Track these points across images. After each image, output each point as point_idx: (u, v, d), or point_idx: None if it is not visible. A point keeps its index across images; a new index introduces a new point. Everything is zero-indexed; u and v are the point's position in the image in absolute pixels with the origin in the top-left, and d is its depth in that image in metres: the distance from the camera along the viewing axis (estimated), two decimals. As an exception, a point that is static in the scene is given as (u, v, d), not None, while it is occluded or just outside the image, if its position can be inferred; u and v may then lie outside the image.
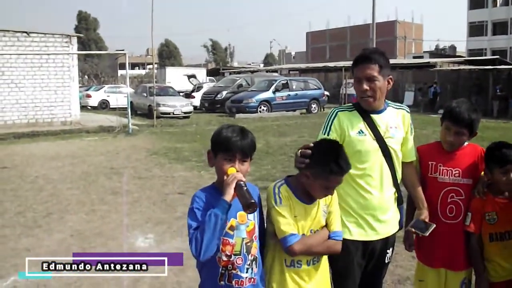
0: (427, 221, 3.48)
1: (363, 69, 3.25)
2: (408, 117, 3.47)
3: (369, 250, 3.37)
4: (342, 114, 3.36)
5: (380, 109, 3.36)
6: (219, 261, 2.74)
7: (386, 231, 3.39)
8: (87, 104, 35.56)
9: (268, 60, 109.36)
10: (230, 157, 2.72)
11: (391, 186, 3.38)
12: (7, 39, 22.54)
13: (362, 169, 3.27)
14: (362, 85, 3.24)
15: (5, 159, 14.38)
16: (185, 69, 54.98)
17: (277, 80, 32.60)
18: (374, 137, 3.29)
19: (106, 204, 9.08)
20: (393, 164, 3.36)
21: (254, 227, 2.83)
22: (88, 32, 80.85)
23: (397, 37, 75.52)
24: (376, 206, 3.31)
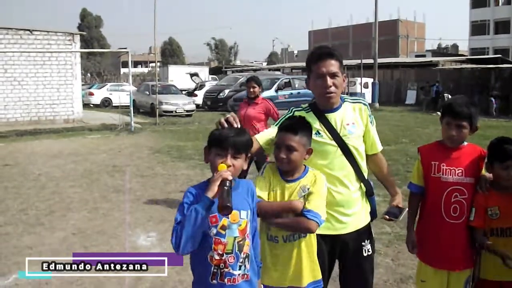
0: (400, 206, 3.51)
1: (327, 65, 3.21)
2: (365, 109, 3.43)
3: (341, 245, 3.37)
4: (298, 114, 3.36)
5: (335, 107, 3.34)
6: (211, 260, 2.74)
7: (355, 224, 3.39)
8: (89, 102, 35.58)
9: (270, 59, 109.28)
10: (222, 151, 2.71)
11: (355, 181, 3.38)
12: (10, 36, 22.56)
13: (322, 168, 3.26)
14: (326, 81, 3.20)
15: (8, 157, 14.40)
16: (187, 67, 54.94)
17: (279, 78, 32.62)
18: (331, 137, 3.28)
19: (109, 202, 9.09)
20: (355, 159, 3.35)
21: (247, 225, 2.82)
22: (90, 30, 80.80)
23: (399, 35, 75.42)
24: (341, 202, 3.31)
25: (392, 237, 6.69)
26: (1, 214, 8.38)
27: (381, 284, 5.33)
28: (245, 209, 2.81)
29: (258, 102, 8.29)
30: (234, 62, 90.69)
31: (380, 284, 5.33)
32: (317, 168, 3.22)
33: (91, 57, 65.01)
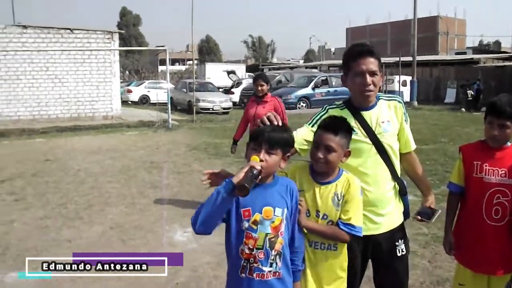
0: (432, 207, 3.45)
1: (366, 62, 3.14)
2: (400, 107, 3.37)
3: (374, 245, 3.32)
4: (333, 111, 3.31)
5: (371, 105, 3.29)
6: (242, 254, 2.73)
7: (389, 224, 3.33)
8: (128, 99, 36.00)
9: (307, 56, 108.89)
10: (256, 146, 2.70)
11: (389, 180, 3.32)
12: (51, 35, 23.00)
13: (356, 166, 3.21)
14: (366, 79, 3.14)
15: (48, 152, 14.68)
16: (224, 65, 55.19)
17: (316, 76, 32.49)
18: (365, 135, 3.23)
19: (146, 197, 9.19)
20: (390, 158, 3.29)
21: (281, 223, 2.76)
22: (129, 28, 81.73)
23: (439, 32, 74.23)
24: (374, 201, 3.25)
25: (429, 238, 6.57)
26: (42, 207, 8.55)
27: (417, 286, 5.24)
28: (280, 207, 2.76)
29: (268, 100, 8.09)
30: (271, 59, 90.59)
31: (416, 285, 5.24)
32: (351, 168, 3.16)
33: (130, 55, 65.76)
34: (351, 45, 3.40)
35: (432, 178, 9.85)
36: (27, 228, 7.44)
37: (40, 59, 22.76)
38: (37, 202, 8.93)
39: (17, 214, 8.17)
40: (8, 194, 9.43)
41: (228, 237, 2.76)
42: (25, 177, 11.07)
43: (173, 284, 5.39)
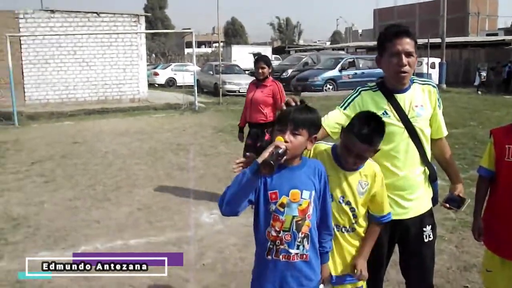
0: (461, 195, 3.39)
1: (402, 43, 3.09)
2: (434, 92, 3.31)
3: (401, 230, 3.30)
4: (366, 94, 3.26)
5: (405, 88, 3.23)
6: (268, 236, 2.73)
7: (417, 209, 3.30)
8: (154, 82, 36.07)
9: (334, 38, 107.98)
10: (281, 127, 2.66)
11: (419, 165, 3.28)
12: (78, 19, 23.15)
13: (387, 150, 3.17)
14: (402, 60, 3.08)
15: (77, 135, 14.87)
16: (250, 47, 54.99)
17: (343, 58, 32.17)
18: (398, 118, 3.18)
19: (173, 179, 9.26)
20: (421, 142, 3.24)
21: (308, 206, 2.73)
22: (155, 11, 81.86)
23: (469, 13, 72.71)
24: (404, 185, 3.23)
25: (456, 223, 6.51)
26: (71, 189, 8.69)
27: (443, 271, 5.19)
28: (308, 189, 2.73)
29: (267, 85, 7.60)
30: (298, 41, 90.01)
31: (443, 270, 5.19)
32: (382, 152, 3.11)
33: (156, 38, 65.91)
34: (387, 26, 3.34)
35: (461, 162, 9.74)
36: (57, 209, 7.58)
37: (67, 43, 22.95)
38: (66, 183, 9.08)
39: (47, 195, 8.32)
40: (39, 176, 9.59)
41: (256, 219, 2.76)
42: (55, 159, 11.24)
43: (200, 265, 5.45)
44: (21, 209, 7.55)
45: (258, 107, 7.56)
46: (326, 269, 2.97)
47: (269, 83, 7.63)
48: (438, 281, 4.84)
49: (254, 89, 7.71)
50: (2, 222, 6.95)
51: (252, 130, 7.72)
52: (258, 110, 7.56)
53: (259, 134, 7.52)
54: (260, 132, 7.53)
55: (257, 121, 7.58)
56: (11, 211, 7.49)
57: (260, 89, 7.62)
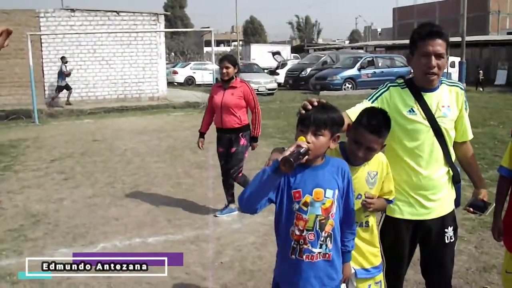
0: (485, 200, 3.35)
1: (434, 44, 3.05)
2: (462, 94, 3.30)
3: (423, 230, 3.28)
4: (394, 89, 3.25)
5: (433, 87, 3.21)
6: (292, 235, 2.71)
7: (440, 210, 3.27)
8: (173, 80, 36.29)
9: (353, 37, 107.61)
10: (303, 128, 2.65)
11: (443, 165, 3.25)
12: (98, 18, 23.36)
13: (412, 148, 3.17)
14: (431, 61, 3.05)
15: (96, 133, 15.00)
16: (269, 46, 55.04)
17: (362, 57, 32.03)
18: (425, 117, 3.15)
19: (191, 177, 9.29)
20: (446, 143, 3.22)
21: (332, 205, 2.72)
22: (174, 10, 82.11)
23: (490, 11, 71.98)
24: (427, 185, 3.20)
25: (476, 223, 6.41)
26: (90, 186, 8.75)
27: (463, 272, 5.13)
28: (331, 188, 2.72)
29: (237, 86, 6.99)
30: (316, 40, 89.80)
31: (462, 271, 5.13)
32: (407, 150, 3.16)
33: (175, 37, 66.17)
34: (420, 24, 3.30)
35: (481, 162, 9.61)
36: (76, 206, 7.64)
37: (87, 41, 23.16)
38: (85, 181, 9.15)
39: (67, 192, 8.40)
40: (58, 173, 9.68)
41: (279, 218, 2.75)
42: (74, 157, 11.34)
43: (218, 263, 5.46)
44: (41, 206, 7.62)
45: (231, 111, 6.93)
46: (348, 268, 2.95)
47: (238, 84, 7.04)
48: (457, 282, 4.80)
49: (222, 92, 7.01)
50: (22, 219, 7.02)
51: (224, 136, 7.09)
52: (231, 114, 6.94)
53: (233, 140, 6.99)
54: (235, 138, 7.00)
55: (232, 126, 6.95)
56: (30, 208, 7.55)
57: (229, 91, 6.96)
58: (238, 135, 6.98)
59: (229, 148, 7.03)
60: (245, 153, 7.13)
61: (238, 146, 6.98)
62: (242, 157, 7.05)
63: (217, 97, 7.03)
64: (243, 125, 7.03)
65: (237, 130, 6.98)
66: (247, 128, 7.10)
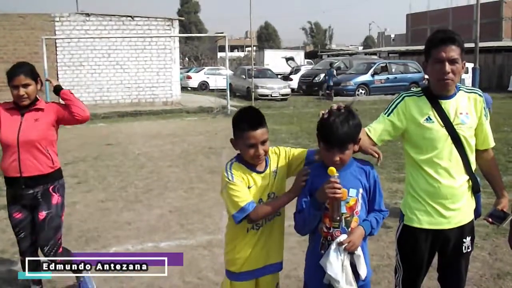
0: (505, 210, 3.28)
1: (447, 50, 3.04)
2: (481, 101, 3.24)
3: (442, 239, 3.24)
4: (409, 99, 3.23)
5: (450, 94, 3.18)
6: (321, 231, 2.91)
7: (459, 219, 3.23)
8: (187, 85, 36.41)
9: (367, 43, 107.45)
10: (329, 147, 2.80)
11: (463, 174, 3.20)
12: (113, 23, 23.53)
13: (430, 156, 3.14)
14: (445, 67, 3.03)
15: (110, 137, 15.03)
16: (283, 51, 55.03)
17: (376, 63, 32.01)
18: (442, 124, 3.12)
19: (204, 182, 9.26)
20: (465, 151, 3.17)
21: (356, 203, 2.88)
22: (189, 15, 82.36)
23: (503, 18, 71.60)
24: (446, 194, 3.16)
25: (490, 230, 6.30)
26: (103, 190, 8.76)
27: (477, 279, 5.08)
28: (354, 188, 2.88)
29: (42, 108, 4.43)
30: (330, 46, 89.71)
31: (476, 278, 5.08)
32: (425, 159, 3.16)
33: (189, 42, 66.27)
34: (434, 30, 3.29)
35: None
36: (89, 210, 7.64)
37: (102, 46, 23.33)
38: (98, 185, 9.16)
39: (80, 196, 8.40)
40: (71, 177, 9.68)
41: None
42: (87, 161, 11.37)
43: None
44: (54, 210, 7.63)
45: (37, 149, 4.31)
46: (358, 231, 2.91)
47: (43, 106, 4.47)
48: (472, 289, 4.75)
49: (18, 120, 4.29)
50: (35, 222, 7.02)
51: (24, 193, 4.34)
52: (37, 153, 4.31)
53: (40, 197, 4.37)
54: (42, 193, 4.37)
55: (39, 172, 4.32)
56: (44, 211, 7.56)
57: (31, 118, 4.33)
58: (48, 188, 4.40)
59: (35, 212, 4.41)
60: (62, 216, 4.58)
61: (50, 208, 4.40)
62: (59, 224, 4.52)
63: (10, 129, 4.27)
64: (55, 169, 4.46)
65: (46, 179, 4.37)
66: (59, 175, 4.55)
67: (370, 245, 5.87)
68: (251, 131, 2.94)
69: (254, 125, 2.97)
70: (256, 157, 2.97)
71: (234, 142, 3.08)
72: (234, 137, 3.07)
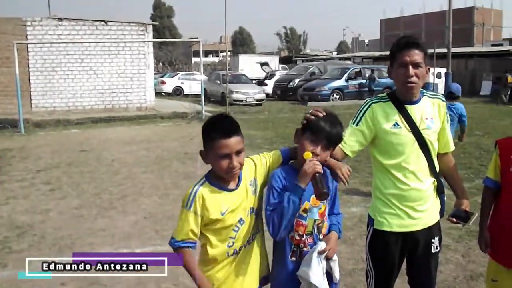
0: (467, 210, 3.37)
1: (411, 54, 3.12)
2: (443, 106, 3.34)
3: (412, 241, 3.30)
4: (376, 105, 3.29)
5: (416, 100, 3.25)
6: (292, 240, 2.88)
7: (426, 220, 3.31)
8: (161, 90, 36.23)
9: (341, 48, 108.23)
10: (314, 139, 2.79)
11: (428, 177, 3.29)
12: (86, 28, 23.31)
13: (399, 161, 3.21)
14: (409, 71, 3.10)
15: (84, 143, 14.88)
16: (258, 56, 55.10)
17: (350, 68, 32.28)
18: (409, 129, 3.20)
19: (179, 188, 9.21)
20: (431, 155, 3.27)
21: (325, 209, 2.95)
22: (162, 20, 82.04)
23: (475, 24, 72.80)
24: (414, 197, 3.24)
25: (463, 232, 6.43)
26: (77, 197, 8.67)
27: (450, 281, 5.18)
28: None
29: None
30: (304, 51, 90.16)
31: (449, 280, 5.18)
32: (393, 164, 3.22)
33: (163, 47, 66.05)
34: (399, 37, 3.36)
35: (467, 172, 9.73)
36: (63, 217, 7.55)
37: (75, 51, 23.08)
38: (72, 191, 9.06)
39: (53, 203, 8.30)
40: (44, 184, 9.58)
41: None
42: (61, 167, 11.24)
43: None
44: (27, 217, 7.53)
45: None
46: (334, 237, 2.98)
47: None
48: (445, 291, 4.81)
49: None
50: (6, 230, 6.92)
51: None
52: None
53: None
54: None
55: None
56: (16, 219, 7.46)
57: None
58: None
59: None
60: None
61: None
62: None
63: None
64: None
65: None
66: None
67: (346, 249, 5.97)
68: (224, 139, 2.66)
69: (227, 132, 2.69)
70: (230, 170, 2.69)
71: (204, 154, 2.78)
72: (205, 148, 2.77)
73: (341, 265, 3.09)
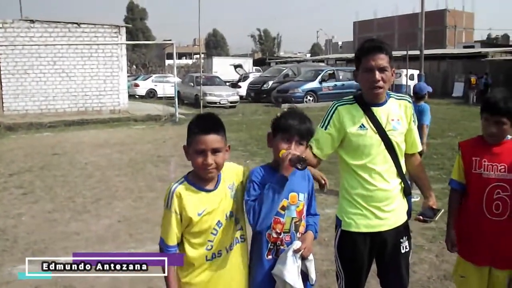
0: (434, 207, 3.44)
1: (376, 58, 3.14)
2: (410, 107, 3.39)
3: (380, 242, 3.34)
4: (342, 108, 3.32)
5: (382, 101, 3.30)
6: (269, 238, 2.89)
7: (394, 220, 3.34)
8: (135, 93, 36.07)
9: (314, 50, 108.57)
10: (287, 137, 2.84)
11: (395, 178, 3.33)
12: (58, 30, 23.07)
13: (365, 162, 3.25)
14: (375, 75, 3.14)
15: (56, 146, 14.76)
16: (231, 59, 55.19)
17: (323, 70, 32.44)
18: (375, 131, 3.23)
19: (153, 191, 9.20)
20: (397, 156, 3.30)
21: (303, 207, 2.96)
22: (135, 22, 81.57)
23: (447, 26, 73.58)
24: (381, 197, 3.28)
25: (436, 232, 6.53)
26: (50, 201, 8.61)
27: (424, 280, 5.25)
28: (302, 192, 2.96)
29: None
30: (278, 53, 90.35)
31: (423, 280, 5.26)
32: (359, 165, 3.25)
33: (137, 49, 65.68)
34: (363, 41, 3.39)
35: (439, 172, 9.88)
36: (36, 221, 7.50)
37: (47, 53, 22.83)
38: (45, 195, 8.99)
39: (26, 207, 8.23)
40: (17, 188, 9.49)
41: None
42: (33, 171, 11.14)
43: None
44: (-1, 222, 7.46)
45: None
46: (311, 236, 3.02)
47: None
48: (419, 291, 4.87)
49: None
50: (-21, 235, 6.85)
51: None
52: None
53: None
54: None
55: None
56: (-12, 223, 7.39)
57: None
58: None
59: None
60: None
61: None
62: None
63: None
64: None
65: None
66: None
67: (320, 250, 6.02)
68: (201, 135, 2.70)
69: (206, 129, 2.72)
70: (204, 166, 2.71)
71: (186, 148, 2.83)
72: (187, 143, 2.81)
73: (316, 266, 3.09)
